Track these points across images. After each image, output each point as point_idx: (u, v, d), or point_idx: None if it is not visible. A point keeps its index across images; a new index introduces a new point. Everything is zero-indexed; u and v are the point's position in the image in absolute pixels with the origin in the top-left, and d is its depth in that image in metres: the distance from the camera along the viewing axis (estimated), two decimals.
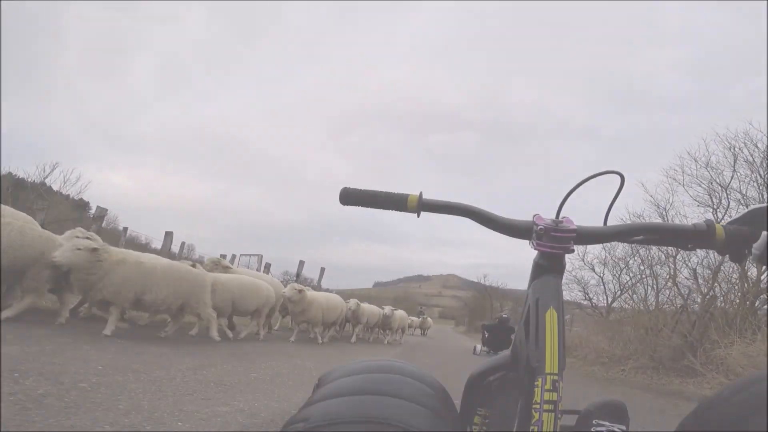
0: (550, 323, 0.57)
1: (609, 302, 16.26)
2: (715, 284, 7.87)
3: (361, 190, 0.76)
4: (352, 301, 8.86)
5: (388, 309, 10.29)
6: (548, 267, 0.65)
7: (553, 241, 0.65)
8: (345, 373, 0.67)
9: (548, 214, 0.70)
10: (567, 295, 16.11)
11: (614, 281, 14.44)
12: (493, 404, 0.82)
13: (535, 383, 0.53)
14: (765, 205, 0.68)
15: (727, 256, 0.72)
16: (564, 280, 0.68)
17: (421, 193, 0.74)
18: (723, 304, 7.72)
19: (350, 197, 0.76)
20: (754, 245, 0.65)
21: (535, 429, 0.50)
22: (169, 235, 10.68)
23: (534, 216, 0.69)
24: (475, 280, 50.74)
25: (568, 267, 0.79)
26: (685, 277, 8.77)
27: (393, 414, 0.53)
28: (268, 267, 15.25)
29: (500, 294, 42.96)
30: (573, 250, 0.66)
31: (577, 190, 0.79)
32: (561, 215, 0.71)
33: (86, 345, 3.65)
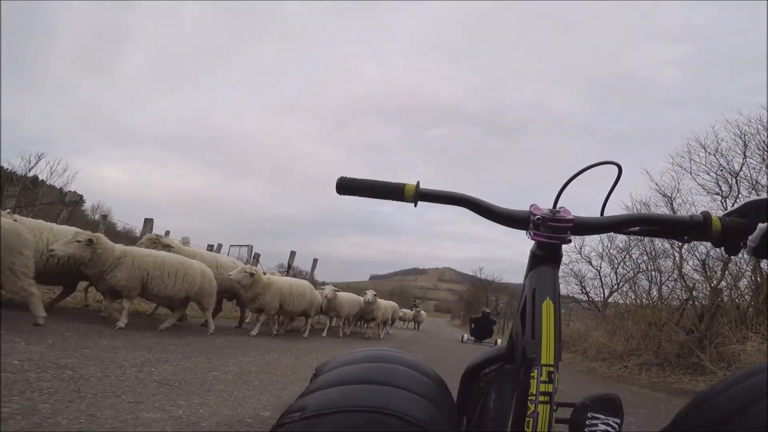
0: (547, 314, 0.56)
1: (605, 296, 16.09)
2: (725, 276, 7.43)
3: (358, 179, 0.74)
4: (328, 288, 7.72)
5: (369, 294, 8.65)
6: (545, 257, 0.64)
7: (550, 231, 0.64)
8: (343, 363, 0.65)
9: (542, 205, 0.69)
10: (563, 289, 15.83)
11: (612, 274, 14.17)
12: (489, 396, 0.79)
13: (531, 374, 0.52)
14: (761, 197, 0.69)
15: (723, 248, 0.71)
16: (560, 273, 0.71)
17: (418, 182, 0.73)
18: (732, 297, 7.29)
19: (347, 187, 0.74)
20: (750, 237, 0.64)
21: (531, 420, 0.49)
22: (149, 222, 10.13)
23: (531, 206, 0.68)
24: (471, 274, 50.64)
25: (564, 260, 0.74)
26: (692, 268, 8.33)
27: (390, 403, 0.52)
28: (257, 257, 14.78)
29: (495, 287, 42.84)
30: (570, 240, 0.65)
31: (575, 181, 0.78)
32: (558, 206, 0.70)
33: (18, 336, 3.14)
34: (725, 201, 8.61)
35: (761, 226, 0.63)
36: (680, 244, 8.90)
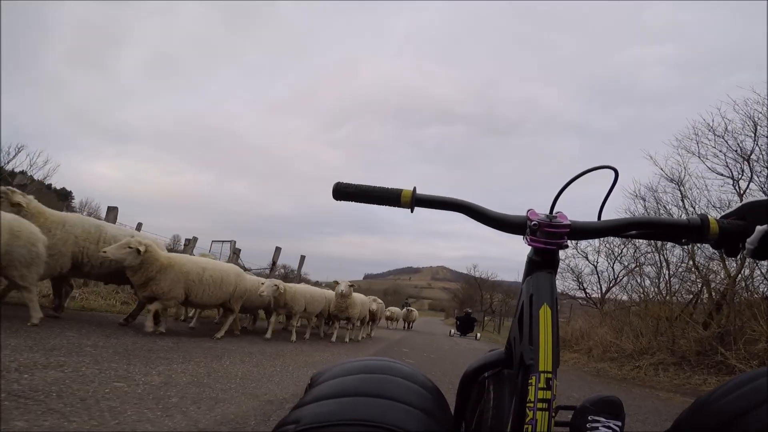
0: (544, 320, 0.56)
1: (603, 291, 15.52)
2: (745, 265, 6.71)
3: (354, 185, 0.74)
4: (268, 283, 5.89)
5: (343, 285, 6.82)
6: (542, 263, 0.64)
7: (546, 237, 0.64)
8: (338, 374, 0.64)
9: (538, 208, 0.69)
10: (560, 285, 15.18)
11: (609, 269, 13.65)
12: (487, 401, 0.78)
13: (529, 381, 0.52)
14: (759, 198, 0.69)
15: (723, 250, 0.71)
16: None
17: (414, 188, 0.72)
18: (754, 287, 6.57)
19: (343, 192, 0.74)
20: (748, 240, 0.64)
21: (530, 427, 0.49)
22: (112, 210, 9.24)
23: (528, 211, 0.67)
24: (465, 272, 49.98)
25: (561, 255, 0.69)
26: (707, 256, 7.60)
27: (384, 416, 0.52)
28: (237, 253, 13.97)
29: (489, 285, 42.03)
30: (567, 246, 0.65)
31: (571, 186, 0.77)
32: (555, 210, 0.70)
33: None
34: (737, 184, 7.95)
35: (759, 228, 0.62)
36: None
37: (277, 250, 15.07)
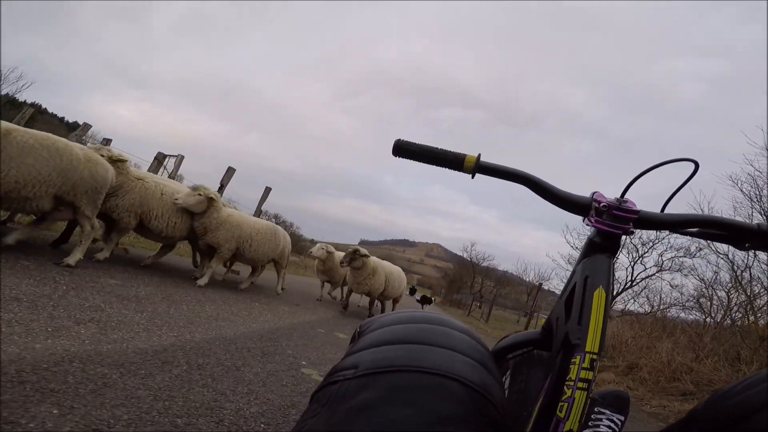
0: (598, 303, 0.55)
1: (615, 292, 13.01)
2: None
3: (417, 143, 0.73)
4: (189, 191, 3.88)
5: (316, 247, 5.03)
6: (603, 246, 0.63)
7: (613, 220, 0.63)
8: (390, 322, 0.60)
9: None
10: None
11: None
12: (516, 378, 0.79)
13: (573, 360, 0.51)
14: None
15: None
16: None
17: (479, 154, 0.71)
18: None
19: (404, 150, 0.73)
20: None
21: (566, 405, 0.49)
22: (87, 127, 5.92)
23: (594, 193, 0.66)
24: (459, 253, 47.30)
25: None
26: None
27: (448, 365, 0.48)
28: (178, 163, 10.86)
29: (482, 270, 39.33)
30: (633, 232, 0.64)
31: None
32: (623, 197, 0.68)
33: None
34: None
35: None
36: None
37: (230, 170, 11.75)
